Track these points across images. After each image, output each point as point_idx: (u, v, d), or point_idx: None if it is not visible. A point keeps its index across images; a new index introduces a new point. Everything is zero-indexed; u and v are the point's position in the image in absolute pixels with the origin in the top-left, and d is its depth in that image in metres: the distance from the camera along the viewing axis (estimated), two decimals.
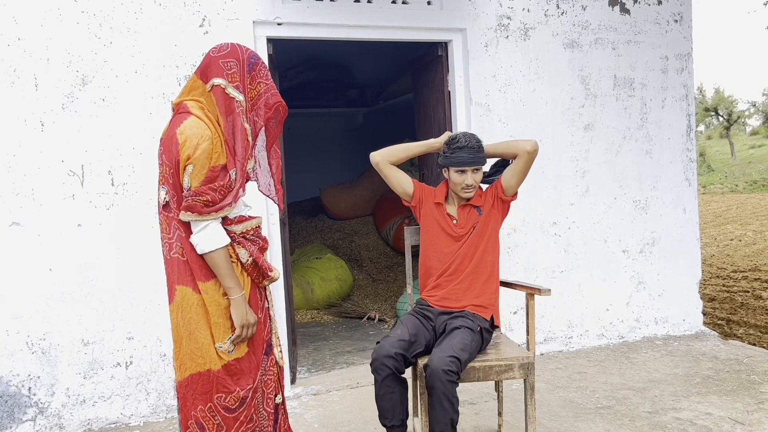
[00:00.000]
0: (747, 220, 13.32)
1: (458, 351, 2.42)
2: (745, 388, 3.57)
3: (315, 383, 3.94)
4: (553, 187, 4.44)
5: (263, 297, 2.18)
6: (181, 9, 3.58)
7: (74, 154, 3.43)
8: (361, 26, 3.98)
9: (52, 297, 3.40)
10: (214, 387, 2.02)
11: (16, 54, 3.33)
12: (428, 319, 2.73)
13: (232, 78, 2.02)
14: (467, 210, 2.81)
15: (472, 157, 2.69)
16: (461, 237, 2.78)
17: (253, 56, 2.09)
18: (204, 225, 1.97)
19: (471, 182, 2.72)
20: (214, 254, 1.98)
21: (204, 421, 2.02)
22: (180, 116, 2.02)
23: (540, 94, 4.39)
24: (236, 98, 2.02)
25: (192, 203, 1.95)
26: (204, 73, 2.05)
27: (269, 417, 2.15)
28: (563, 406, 3.42)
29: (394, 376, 2.50)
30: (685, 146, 4.80)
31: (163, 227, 2.05)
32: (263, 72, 2.10)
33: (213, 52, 2.06)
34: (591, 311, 4.57)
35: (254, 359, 2.10)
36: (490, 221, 2.81)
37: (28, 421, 3.38)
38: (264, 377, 2.13)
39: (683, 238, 4.81)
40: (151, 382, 3.58)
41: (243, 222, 2.08)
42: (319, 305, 6.15)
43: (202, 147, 1.93)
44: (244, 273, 2.09)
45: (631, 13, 4.60)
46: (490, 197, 2.83)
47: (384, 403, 2.53)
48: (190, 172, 1.94)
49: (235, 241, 2.05)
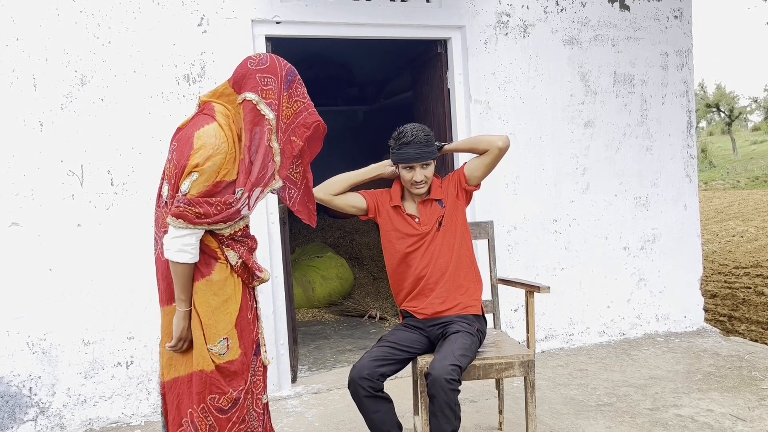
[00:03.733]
0: (749, 216, 13.29)
1: (459, 357, 2.39)
2: (747, 385, 3.56)
3: (316, 382, 3.95)
4: (554, 184, 4.43)
5: (252, 297, 2.16)
6: (179, 8, 3.58)
7: (73, 154, 3.43)
8: (360, 24, 3.97)
9: (53, 297, 3.40)
10: (207, 388, 1.99)
11: (14, 54, 3.32)
12: (419, 329, 2.68)
13: (267, 94, 1.97)
14: (428, 205, 2.69)
15: (419, 152, 2.57)
16: (426, 234, 2.66)
17: (291, 72, 2.04)
18: (183, 233, 1.90)
19: (420, 178, 2.60)
20: (178, 265, 1.93)
21: (197, 422, 2.00)
22: (203, 118, 1.97)
23: (540, 91, 4.38)
24: (267, 116, 1.97)
25: (183, 211, 1.89)
26: (238, 83, 2.00)
27: (258, 417, 2.14)
28: (564, 404, 3.41)
29: (373, 396, 2.45)
30: (685, 142, 4.79)
31: (159, 223, 2.02)
32: (300, 90, 2.06)
33: (251, 64, 2.00)
34: (592, 308, 4.57)
35: (246, 360, 2.08)
36: (457, 213, 2.71)
37: (29, 421, 3.38)
38: (254, 377, 2.12)
39: (684, 234, 4.80)
40: (152, 382, 3.58)
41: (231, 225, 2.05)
42: (319, 304, 6.16)
43: (214, 159, 1.89)
44: (234, 274, 2.05)
45: (630, 10, 4.59)
46: (452, 187, 2.72)
47: (372, 422, 2.48)
48: (194, 179, 1.89)
49: (223, 244, 2.01)
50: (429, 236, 2.67)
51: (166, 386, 2.05)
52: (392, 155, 2.65)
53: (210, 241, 2.00)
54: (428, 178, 2.64)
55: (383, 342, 2.60)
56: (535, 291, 2.70)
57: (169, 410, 2.04)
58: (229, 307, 2.03)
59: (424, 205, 2.70)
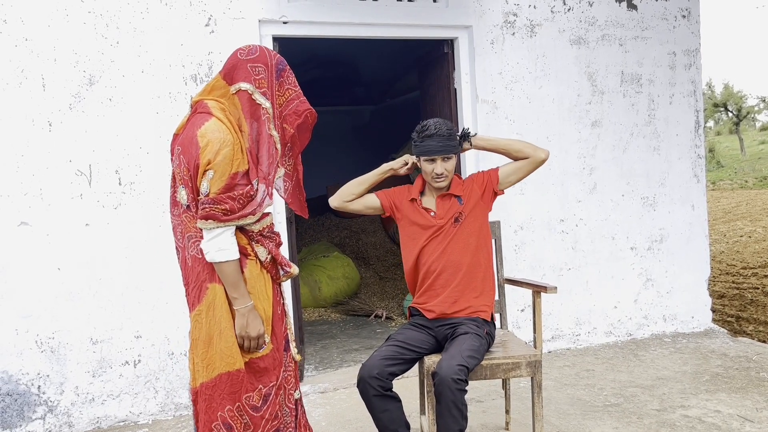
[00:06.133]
0: (757, 216, 13.21)
1: (466, 358, 2.39)
2: (755, 386, 3.54)
3: (322, 381, 3.95)
4: (560, 184, 4.42)
5: (279, 293, 2.16)
6: (187, 8, 3.59)
7: (82, 154, 3.45)
8: (367, 24, 3.97)
9: (61, 296, 3.42)
10: (243, 387, 1.99)
11: (23, 54, 3.34)
12: (427, 328, 2.68)
13: (260, 84, 1.98)
14: (447, 200, 2.69)
15: (441, 145, 2.58)
16: (441, 227, 2.65)
17: (281, 62, 2.05)
18: (217, 233, 1.92)
19: (441, 171, 2.61)
20: (223, 264, 1.94)
21: (232, 421, 1.98)
22: (201, 116, 1.97)
23: (546, 91, 4.37)
24: (263, 105, 1.98)
25: (210, 212, 1.90)
26: (229, 74, 2.00)
27: (291, 413, 2.13)
28: (571, 404, 3.41)
29: (382, 395, 2.45)
30: (693, 142, 4.77)
31: (185, 227, 2.02)
32: (291, 79, 2.07)
33: (241, 54, 2.01)
34: (599, 309, 4.56)
35: (277, 356, 2.08)
36: (479, 213, 2.70)
37: (37, 419, 3.40)
38: (285, 373, 2.11)
39: (692, 234, 4.78)
40: (160, 381, 3.60)
41: (260, 220, 2.05)
42: (326, 303, 6.17)
43: (224, 152, 1.89)
44: (263, 270, 2.06)
45: (638, 9, 4.58)
46: (477, 187, 2.71)
47: (381, 422, 2.48)
48: (210, 178, 1.89)
49: (253, 240, 2.02)
50: (444, 230, 2.66)
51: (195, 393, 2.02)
52: (414, 148, 2.68)
53: (240, 238, 2.00)
54: (449, 172, 2.64)
55: (392, 341, 2.60)
56: (542, 291, 2.69)
57: (199, 416, 2.01)
58: (263, 303, 2.04)
59: (443, 200, 2.71)
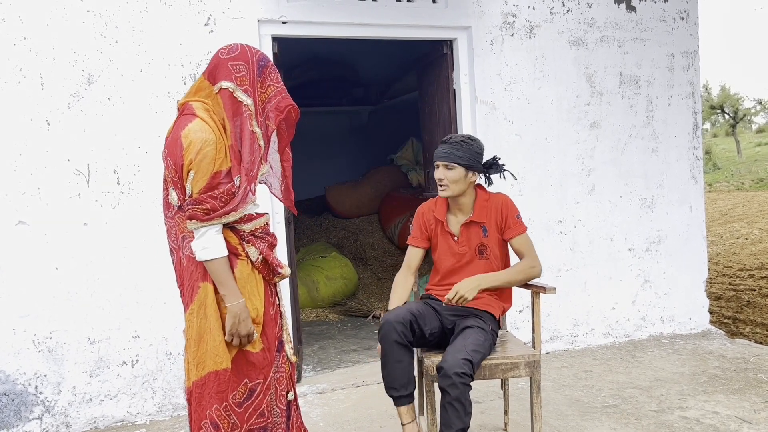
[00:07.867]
0: (753, 218, 13.24)
1: (471, 352, 2.39)
2: (752, 387, 3.55)
3: (320, 382, 3.94)
4: (559, 185, 4.42)
5: (274, 294, 2.18)
6: (186, 8, 3.58)
7: (80, 153, 3.44)
8: (366, 24, 3.97)
9: (59, 296, 3.41)
10: (230, 386, 2.01)
11: (22, 53, 3.33)
12: (435, 310, 2.71)
13: (241, 81, 2.00)
14: (471, 228, 2.72)
15: (446, 152, 2.63)
16: (464, 255, 2.72)
17: (262, 59, 2.07)
18: (201, 232, 1.95)
19: (440, 177, 2.65)
20: (210, 262, 1.97)
21: (219, 420, 2.01)
22: (185, 118, 2.00)
23: (545, 92, 4.37)
24: (244, 102, 1.99)
25: (193, 212, 1.94)
26: (212, 74, 2.03)
27: (282, 414, 2.15)
28: (569, 405, 3.41)
29: (401, 344, 2.47)
30: (691, 144, 4.78)
31: (179, 228, 2.04)
32: (273, 75, 2.08)
33: (222, 54, 2.03)
34: (597, 310, 4.56)
35: (268, 356, 2.10)
36: (500, 246, 2.75)
37: (34, 419, 3.39)
38: (277, 374, 2.13)
39: (689, 236, 4.79)
40: (157, 381, 3.59)
41: (252, 220, 2.07)
42: (324, 304, 6.16)
43: (205, 152, 1.92)
44: (255, 271, 2.08)
45: (637, 11, 4.58)
46: (497, 216, 2.72)
47: (391, 372, 2.49)
48: (191, 179, 1.93)
49: (244, 240, 2.04)
50: (467, 258, 2.72)
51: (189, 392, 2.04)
52: None
53: (231, 238, 2.02)
54: (450, 181, 2.65)
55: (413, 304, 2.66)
56: (541, 292, 2.70)
57: (192, 415, 2.04)
58: (254, 302, 2.05)
59: (467, 228, 2.73)
